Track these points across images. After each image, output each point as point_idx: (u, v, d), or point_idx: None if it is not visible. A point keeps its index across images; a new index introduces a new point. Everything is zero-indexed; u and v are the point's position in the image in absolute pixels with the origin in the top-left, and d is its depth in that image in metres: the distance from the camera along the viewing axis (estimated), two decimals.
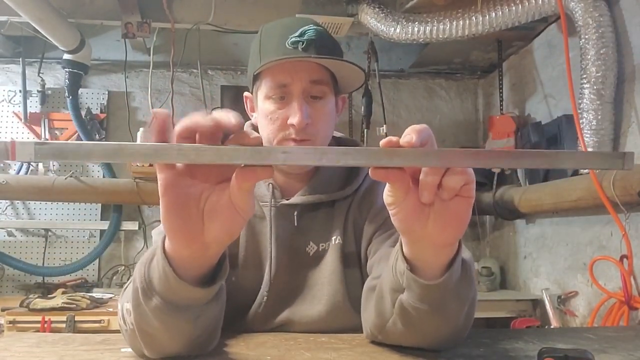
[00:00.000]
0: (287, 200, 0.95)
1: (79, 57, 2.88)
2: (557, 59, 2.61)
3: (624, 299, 1.88)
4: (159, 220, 0.58)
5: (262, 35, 0.93)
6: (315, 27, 0.90)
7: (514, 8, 2.29)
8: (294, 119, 0.87)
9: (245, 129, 1.08)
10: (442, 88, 3.56)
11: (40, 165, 3.07)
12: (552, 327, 2.34)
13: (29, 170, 3.07)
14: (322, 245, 0.95)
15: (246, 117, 1.06)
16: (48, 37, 2.61)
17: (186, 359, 0.69)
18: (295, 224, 0.94)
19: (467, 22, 2.39)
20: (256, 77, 0.92)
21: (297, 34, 0.88)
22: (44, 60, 3.10)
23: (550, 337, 0.85)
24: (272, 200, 0.94)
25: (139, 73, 3.32)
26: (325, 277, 0.93)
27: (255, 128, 1.05)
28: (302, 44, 0.88)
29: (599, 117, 2.06)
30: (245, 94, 1.02)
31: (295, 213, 0.94)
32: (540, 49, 2.81)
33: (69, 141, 0.62)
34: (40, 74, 3.13)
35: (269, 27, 0.94)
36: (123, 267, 3.16)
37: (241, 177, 0.51)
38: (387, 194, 0.56)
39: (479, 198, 3.02)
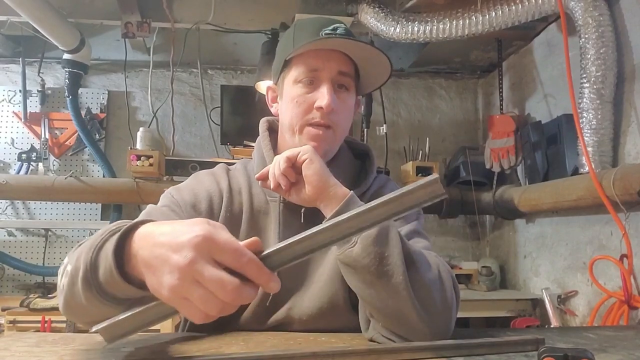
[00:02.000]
0: None
1: (79, 56, 2.88)
2: (557, 59, 2.61)
3: (624, 298, 1.88)
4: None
5: (295, 28, 0.97)
6: (346, 26, 0.95)
7: (513, 7, 2.29)
8: (322, 102, 0.91)
9: (261, 125, 1.09)
10: (442, 87, 3.55)
11: (40, 165, 3.07)
12: (552, 326, 2.34)
13: (29, 170, 3.07)
14: None
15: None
16: (48, 37, 2.61)
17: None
18: (302, 221, 0.95)
19: (467, 21, 2.39)
20: (285, 65, 0.96)
21: (330, 27, 0.93)
22: (43, 60, 3.10)
23: (550, 337, 0.85)
24: (281, 196, 0.95)
25: (138, 73, 3.32)
26: (327, 275, 0.93)
27: (272, 123, 1.06)
28: (335, 37, 0.92)
29: (599, 116, 2.06)
30: (269, 85, 1.05)
31: (303, 210, 0.95)
32: (540, 49, 2.81)
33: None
34: (40, 74, 3.13)
35: (302, 21, 0.99)
36: None
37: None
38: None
39: (479, 197, 3.02)
